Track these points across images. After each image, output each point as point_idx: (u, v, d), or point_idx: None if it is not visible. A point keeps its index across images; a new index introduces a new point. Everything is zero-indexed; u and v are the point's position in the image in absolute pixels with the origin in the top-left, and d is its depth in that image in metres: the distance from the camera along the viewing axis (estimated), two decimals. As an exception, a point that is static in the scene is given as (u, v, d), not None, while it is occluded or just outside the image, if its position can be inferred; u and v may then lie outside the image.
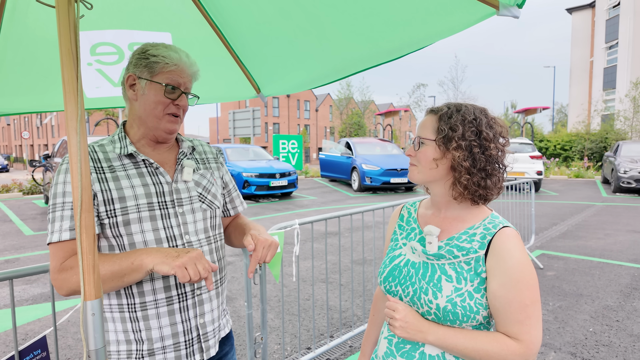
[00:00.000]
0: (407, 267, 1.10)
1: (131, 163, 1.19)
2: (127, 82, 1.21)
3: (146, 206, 1.16)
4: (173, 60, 1.19)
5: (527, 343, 0.95)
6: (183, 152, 1.29)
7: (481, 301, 0.99)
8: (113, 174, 1.16)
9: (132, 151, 1.19)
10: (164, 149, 1.27)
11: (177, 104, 1.21)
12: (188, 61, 1.23)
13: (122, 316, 1.15)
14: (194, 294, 1.20)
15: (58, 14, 0.90)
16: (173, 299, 1.17)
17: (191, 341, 1.21)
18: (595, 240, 6.57)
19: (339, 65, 1.80)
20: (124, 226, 1.13)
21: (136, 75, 1.19)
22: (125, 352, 1.16)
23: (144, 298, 1.14)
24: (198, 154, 1.36)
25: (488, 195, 1.04)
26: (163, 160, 1.25)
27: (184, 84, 1.22)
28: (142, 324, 1.15)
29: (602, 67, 33.04)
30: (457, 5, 1.34)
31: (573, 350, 3.10)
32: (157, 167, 1.21)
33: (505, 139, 1.06)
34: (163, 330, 1.16)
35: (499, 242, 0.99)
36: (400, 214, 1.25)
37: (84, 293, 0.91)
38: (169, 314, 1.16)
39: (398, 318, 1.02)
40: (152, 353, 1.16)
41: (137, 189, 1.16)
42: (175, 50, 1.22)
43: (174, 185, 1.22)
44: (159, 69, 1.18)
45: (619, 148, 13.93)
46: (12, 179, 16.91)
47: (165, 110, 1.20)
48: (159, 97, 1.18)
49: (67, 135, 0.91)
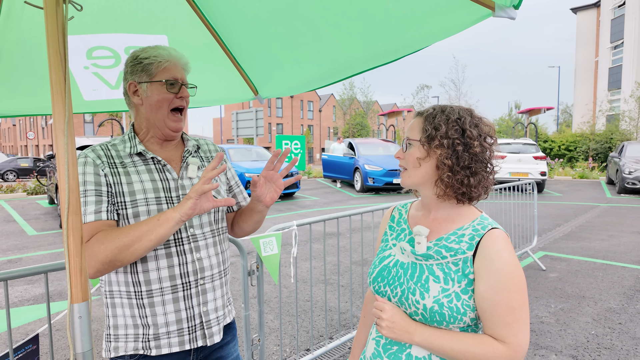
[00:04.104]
0: (396, 268, 1.10)
1: (141, 160, 1.28)
2: (130, 91, 1.28)
3: (154, 200, 1.23)
4: (164, 57, 1.27)
5: (514, 346, 0.94)
6: (188, 150, 1.36)
7: (468, 303, 0.98)
8: (124, 170, 1.24)
9: (141, 150, 1.27)
10: (171, 146, 1.35)
11: (180, 96, 1.29)
12: (177, 54, 1.30)
13: (130, 302, 1.23)
14: (197, 283, 1.27)
15: (46, 15, 0.91)
16: (177, 287, 1.23)
17: (194, 327, 1.27)
18: (598, 242, 6.52)
19: (336, 67, 1.80)
20: (133, 218, 1.21)
21: (136, 81, 1.27)
22: (133, 335, 1.24)
23: (150, 286, 1.21)
24: (203, 152, 1.44)
25: (472, 194, 1.03)
26: (170, 157, 1.33)
27: (180, 76, 1.30)
28: (149, 310, 1.22)
29: (607, 67, 32.83)
30: (452, 7, 1.33)
31: (574, 353, 3.08)
32: (165, 164, 1.29)
33: (493, 138, 1.06)
34: (168, 317, 1.23)
35: (487, 243, 0.98)
36: (392, 215, 1.25)
37: (71, 295, 0.91)
38: (173, 301, 1.23)
39: (385, 318, 1.02)
40: (158, 337, 1.23)
41: (146, 183, 1.24)
42: (162, 47, 1.30)
43: (179, 182, 1.29)
44: (155, 69, 1.26)
45: (623, 149, 13.83)
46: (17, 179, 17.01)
47: (170, 106, 1.27)
48: (162, 94, 1.26)
49: (54, 137, 0.91)
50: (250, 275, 2.48)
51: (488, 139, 1.05)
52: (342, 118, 40.53)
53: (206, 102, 2.25)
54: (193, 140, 1.41)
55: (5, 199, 13.34)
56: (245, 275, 2.44)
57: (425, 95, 34.38)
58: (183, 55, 1.32)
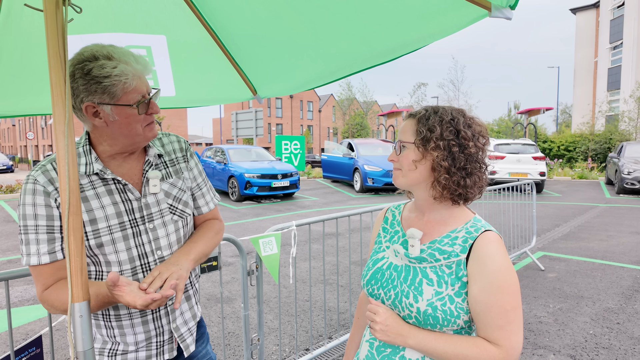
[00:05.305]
0: (390, 270, 1.10)
1: (100, 180, 1.14)
2: (86, 112, 1.08)
3: (118, 226, 1.14)
4: (129, 75, 1.07)
5: (506, 349, 0.95)
6: (149, 161, 1.22)
7: (462, 305, 0.99)
8: (82, 194, 1.11)
9: (97, 170, 1.13)
10: (132, 158, 1.21)
11: (151, 112, 1.15)
12: (141, 65, 1.11)
13: (97, 323, 1.19)
14: (166, 305, 1.22)
15: (46, 17, 0.91)
16: (147, 312, 1.19)
17: (162, 342, 1.24)
18: (597, 242, 6.53)
19: (333, 67, 1.81)
20: (97, 248, 1.12)
21: (95, 102, 1.06)
22: (98, 349, 1.21)
23: (118, 311, 1.17)
24: (167, 156, 1.29)
25: (468, 195, 1.03)
26: (131, 173, 1.20)
27: (147, 88, 1.13)
28: (117, 331, 1.18)
29: (607, 67, 32.85)
30: (449, 7, 1.34)
31: (572, 353, 3.09)
32: (125, 184, 1.16)
33: (485, 138, 1.06)
34: (137, 337, 1.20)
35: (480, 246, 0.99)
36: (385, 216, 1.25)
37: (72, 295, 0.92)
38: (142, 324, 1.19)
39: (379, 321, 1.02)
40: (126, 352, 1.20)
41: (108, 208, 1.13)
42: (121, 59, 1.07)
43: (143, 201, 1.18)
44: (121, 91, 1.07)
45: (622, 149, 13.84)
46: (17, 180, 17.04)
47: (143, 124, 1.14)
48: (134, 118, 1.11)
49: (55, 138, 0.91)
50: (250, 275, 2.49)
51: (481, 139, 1.05)
52: (341, 118, 40.54)
53: (204, 101, 2.26)
54: (155, 148, 1.25)
55: (5, 199, 13.34)
56: (244, 275, 2.45)
57: (422, 94, 34.33)
58: (147, 63, 1.13)
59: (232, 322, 3.68)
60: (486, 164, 1.06)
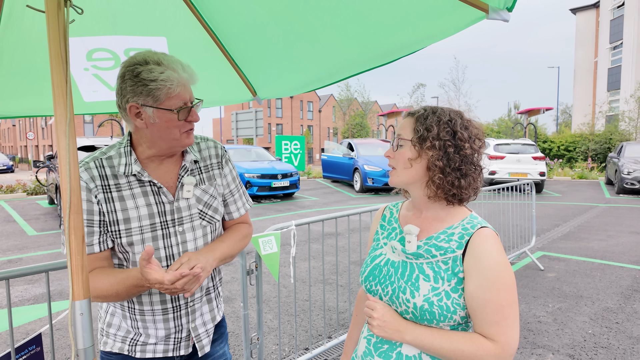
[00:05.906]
0: (387, 267, 1.11)
1: (136, 181, 1.20)
2: (130, 112, 1.14)
3: (149, 227, 1.20)
4: (174, 81, 1.12)
5: (502, 344, 0.96)
6: (185, 167, 1.27)
7: (458, 301, 1.00)
8: (119, 193, 1.19)
9: (136, 172, 1.19)
10: (171, 162, 1.26)
11: (191, 119, 1.19)
12: (187, 75, 1.16)
13: (124, 314, 1.27)
14: (187, 305, 1.29)
15: (48, 18, 0.93)
16: (168, 311, 1.26)
17: (180, 339, 1.31)
18: (597, 242, 6.54)
19: (333, 69, 1.82)
20: (128, 246, 1.20)
21: (139, 104, 1.12)
22: (122, 336, 1.28)
23: (142, 307, 1.25)
24: (203, 162, 1.33)
25: (463, 195, 1.05)
26: (166, 176, 1.25)
27: (190, 97, 1.18)
28: (140, 324, 1.27)
29: (607, 67, 32.84)
30: (447, 10, 1.35)
31: (571, 352, 3.10)
32: (160, 187, 1.22)
33: (482, 140, 1.07)
34: (158, 332, 1.28)
35: (476, 242, 1.00)
36: (383, 214, 1.26)
37: (72, 293, 0.93)
38: (164, 321, 1.27)
39: (376, 317, 1.03)
40: (145, 344, 1.28)
41: (141, 209, 1.19)
42: (169, 66, 1.13)
43: (175, 204, 1.24)
44: (165, 96, 1.12)
45: (622, 149, 13.85)
46: (17, 180, 17.05)
47: (182, 130, 1.18)
48: (173, 123, 1.15)
49: (56, 138, 0.93)
50: (249, 275, 2.50)
51: (477, 141, 1.06)
52: (341, 118, 40.58)
53: (205, 103, 2.27)
54: (192, 154, 1.30)
55: (5, 199, 13.35)
56: (244, 274, 2.46)
57: (421, 94, 34.34)
58: (193, 73, 1.18)
59: (231, 322, 3.69)
60: (482, 166, 1.07)
